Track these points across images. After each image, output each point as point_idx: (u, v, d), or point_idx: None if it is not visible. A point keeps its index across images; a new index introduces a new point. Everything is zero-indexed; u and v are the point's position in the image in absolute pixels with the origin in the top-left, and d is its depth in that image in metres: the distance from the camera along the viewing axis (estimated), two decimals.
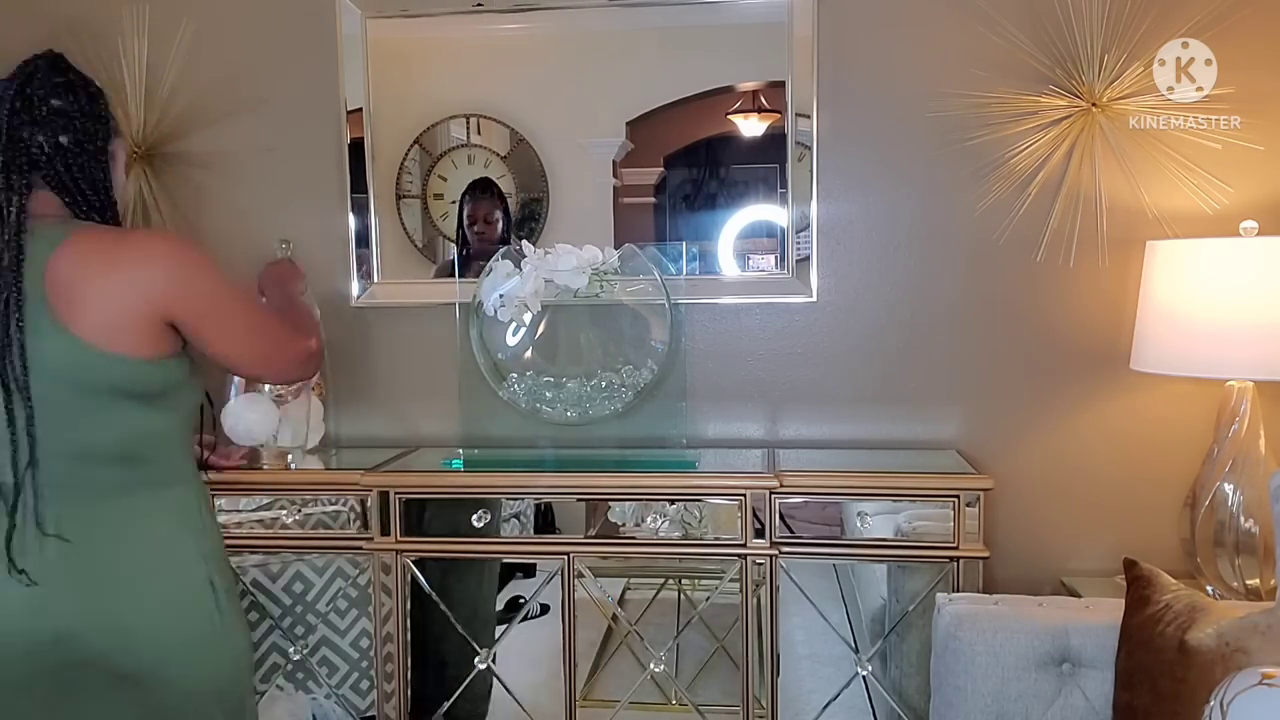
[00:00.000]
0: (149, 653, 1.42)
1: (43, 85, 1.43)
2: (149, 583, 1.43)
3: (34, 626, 1.38)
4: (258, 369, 1.67)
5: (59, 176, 1.44)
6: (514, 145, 2.46)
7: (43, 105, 1.42)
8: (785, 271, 2.36)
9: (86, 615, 1.39)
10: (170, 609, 1.44)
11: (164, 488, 1.48)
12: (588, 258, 2.20)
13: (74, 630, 1.38)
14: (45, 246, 1.39)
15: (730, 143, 2.40)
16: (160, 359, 1.43)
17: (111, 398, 1.40)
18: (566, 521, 2.22)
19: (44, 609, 1.38)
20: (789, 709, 2.16)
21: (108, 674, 1.41)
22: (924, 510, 2.10)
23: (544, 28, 2.42)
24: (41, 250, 1.38)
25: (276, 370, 1.68)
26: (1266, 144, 2.17)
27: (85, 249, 1.40)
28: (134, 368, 1.40)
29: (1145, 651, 1.56)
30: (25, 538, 1.37)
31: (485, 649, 2.19)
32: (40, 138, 1.42)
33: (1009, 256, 2.28)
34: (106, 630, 1.40)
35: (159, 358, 1.42)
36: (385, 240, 2.49)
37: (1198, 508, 2.01)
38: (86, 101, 1.47)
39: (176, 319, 1.43)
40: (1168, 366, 2.02)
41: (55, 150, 1.43)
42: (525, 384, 2.31)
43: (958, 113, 2.25)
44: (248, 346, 1.53)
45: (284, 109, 2.47)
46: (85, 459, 1.41)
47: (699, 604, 2.27)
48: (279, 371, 1.69)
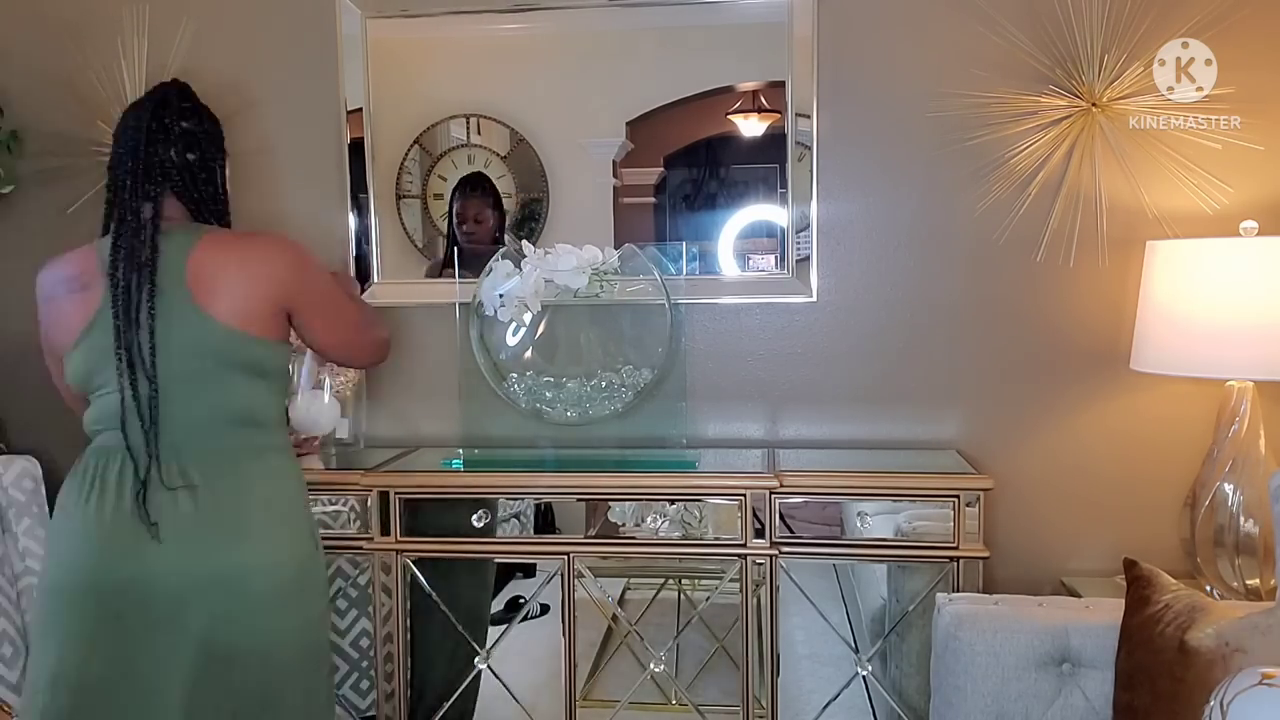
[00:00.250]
0: (262, 585, 1.61)
1: (175, 110, 1.70)
2: (266, 527, 1.64)
3: (177, 567, 1.56)
4: (345, 351, 1.89)
5: (186, 187, 1.70)
6: (514, 145, 2.46)
7: (175, 126, 1.69)
8: (785, 271, 2.36)
9: (214, 555, 1.58)
10: (282, 550, 1.65)
11: (277, 451, 1.72)
12: (588, 258, 2.20)
13: (203, 568, 1.57)
14: (184, 244, 1.63)
15: (730, 143, 2.40)
16: (274, 341, 1.68)
17: (239, 370, 1.63)
18: (566, 521, 2.22)
19: (184, 551, 1.57)
20: (789, 709, 2.16)
21: (230, 607, 1.58)
22: (924, 510, 2.10)
23: (544, 28, 2.42)
24: (180, 247, 1.62)
25: (361, 354, 1.94)
26: (1266, 144, 2.17)
27: (220, 247, 1.65)
28: (258, 345, 1.64)
29: (1145, 651, 1.55)
30: (156, 494, 1.57)
31: (481, 649, 2.19)
32: (172, 154, 1.68)
33: (1009, 256, 2.28)
34: (228, 566, 1.58)
35: (274, 340, 1.68)
36: (385, 240, 2.49)
37: (1198, 508, 2.01)
38: (210, 124, 1.76)
39: (291, 306, 1.69)
40: (1168, 366, 2.02)
41: (184, 165, 1.69)
42: (525, 384, 2.31)
43: (958, 113, 2.25)
44: (341, 333, 1.82)
45: (284, 109, 2.47)
46: (216, 421, 1.63)
47: (699, 604, 2.27)
48: (362, 356, 1.96)
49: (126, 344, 1.58)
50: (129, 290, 1.58)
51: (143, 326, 1.58)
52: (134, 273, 1.59)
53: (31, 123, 2.53)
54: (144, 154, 1.65)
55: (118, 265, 1.60)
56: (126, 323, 1.58)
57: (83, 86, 2.49)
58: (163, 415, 1.59)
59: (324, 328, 1.77)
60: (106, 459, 1.61)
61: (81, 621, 1.58)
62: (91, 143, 2.49)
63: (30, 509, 2.27)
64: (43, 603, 1.64)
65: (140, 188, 1.64)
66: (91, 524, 1.58)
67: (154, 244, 1.60)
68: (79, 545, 1.59)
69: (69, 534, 1.61)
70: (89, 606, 1.57)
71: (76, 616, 1.58)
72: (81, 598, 1.58)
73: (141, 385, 1.58)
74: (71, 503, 1.62)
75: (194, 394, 1.61)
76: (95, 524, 1.58)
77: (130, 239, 1.61)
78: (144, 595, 1.56)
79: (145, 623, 1.57)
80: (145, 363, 1.58)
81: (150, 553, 1.56)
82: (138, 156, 1.65)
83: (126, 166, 1.66)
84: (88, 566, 1.58)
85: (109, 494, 1.58)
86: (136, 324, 1.58)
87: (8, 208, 2.55)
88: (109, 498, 1.58)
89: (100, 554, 1.57)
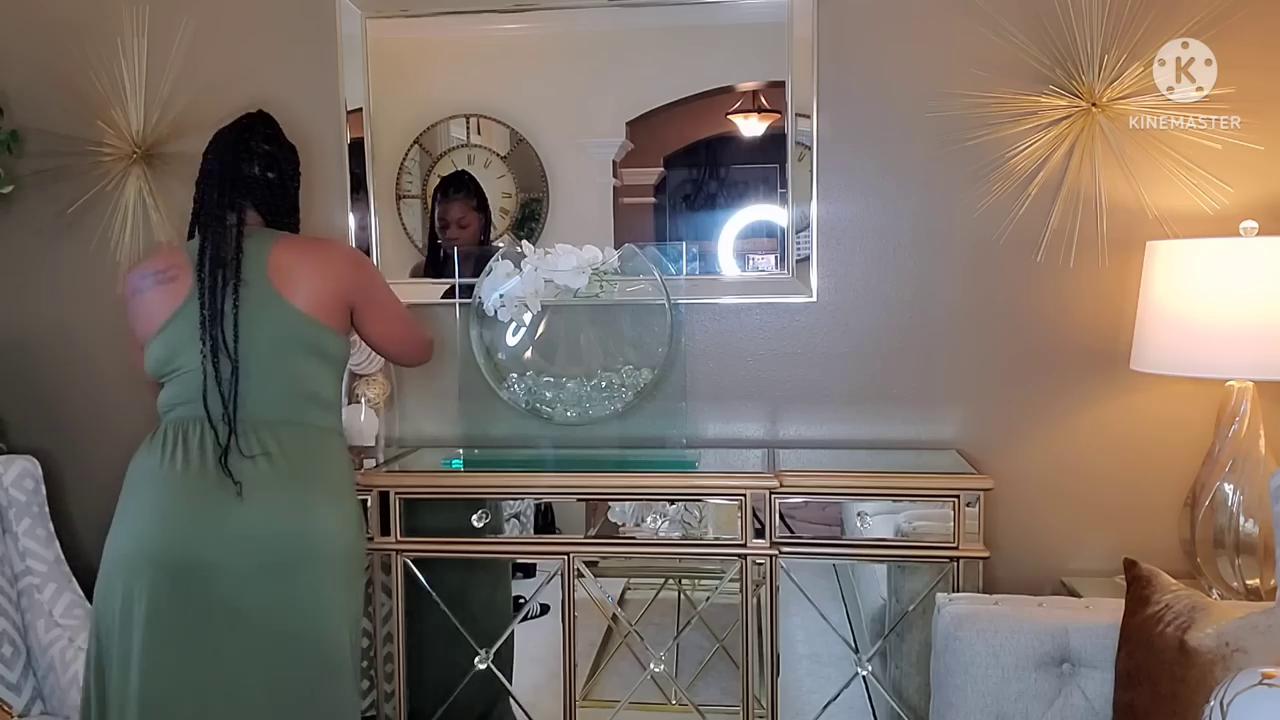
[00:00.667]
0: (328, 549, 1.79)
1: (258, 133, 1.95)
2: (331, 497, 1.83)
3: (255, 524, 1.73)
4: (398, 346, 2.07)
5: (263, 199, 1.92)
6: (514, 145, 2.46)
7: (258, 148, 1.93)
8: (785, 271, 2.36)
9: (291, 514, 1.76)
10: (343, 521, 1.84)
11: (336, 434, 1.92)
12: (588, 258, 2.20)
13: (283, 525, 1.75)
14: (264, 244, 1.85)
15: (730, 143, 2.40)
16: (340, 331, 1.89)
17: (312, 353, 1.84)
18: (566, 521, 2.22)
19: (262, 510, 1.74)
20: (789, 709, 2.16)
21: (297, 562, 1.75)
22: (924, 510, 2.10)
23: (544, 28, 2.42)
24: (263, 245, 1.85)
25: (411, 350, 2.11)
26: (1266, 144, 2.17)
27: (297, 247, 1.89)
28: (327, 332, 1.85)
29: (1145, 651, 1.55)
30: (236, 461, 1.75)
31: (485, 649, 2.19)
32: (255, 170, 1.92)
33: (1009, 257, 2.28)
34: (304, 524, 1.77)
35: (339, 330, 1.89)
36: (385, 240, 2.49)
37: (1198, 508, 2.01)
38: (288, 149, 2.00)
39: (354, 301, 1.90)
40: (1168, 367, 2.02)
41: (265, 181, 1.93)
42: (525, 384, 2.31)
43: (958, 113, 2.25)
44: (396, 331, 2.03)
45: (284, 109, 2.45)
46: (292, 397, 1.83)
47: (699, 604, 2.27)
48: (413, 353, 2.12)
49: (211, 329, 1.77)
50: (216, 282, 1.79)
51: (227, 315, 1.78)
52: (220, 268, 1.80)
53: (31, 123, 2.53)
54: (230, 169, 1.89)
55: (204, 261, 1.81)
56: (213, 311, 1.78)
57: (83, 86, 2.49)
58: (241, 391, 1.78)
59: (380, 322, 1.97)
60: (186, 429, 1.78)
61: (154, 597, 1.70)
62: (91, 143, 2.49)
63: (30, 509, 2.27)
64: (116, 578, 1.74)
65: (226, 198, 1.86)
66: (176, 483, 1.74)
67: (239, 244, 1.82)
68: (158, 506, 1.74)
69: (146, 503, 1.76)
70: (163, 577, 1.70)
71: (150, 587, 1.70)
72: (157, 568, 1.70)
73: (224, 365, 1.77)
74: (150, 467, 1.78)
75: (272, 372, 1.81)
76: (180, 483, 1.74)
77: (216, 240, 1.82)
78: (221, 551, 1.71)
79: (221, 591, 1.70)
80: (228, 345, 1.77)
81: (233, 512, 1.72)
82: (225, 171, 1.88)
83: (214, 179, 1.88)
84: (169, 530, 1.72)
85: (192, 458, 1.76)
86: (221, 312, 1.78)
87: (7, 208, 2.55)
88: (192, 461, 1.75)
89: (181, 515, 1.73)
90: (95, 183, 2.49)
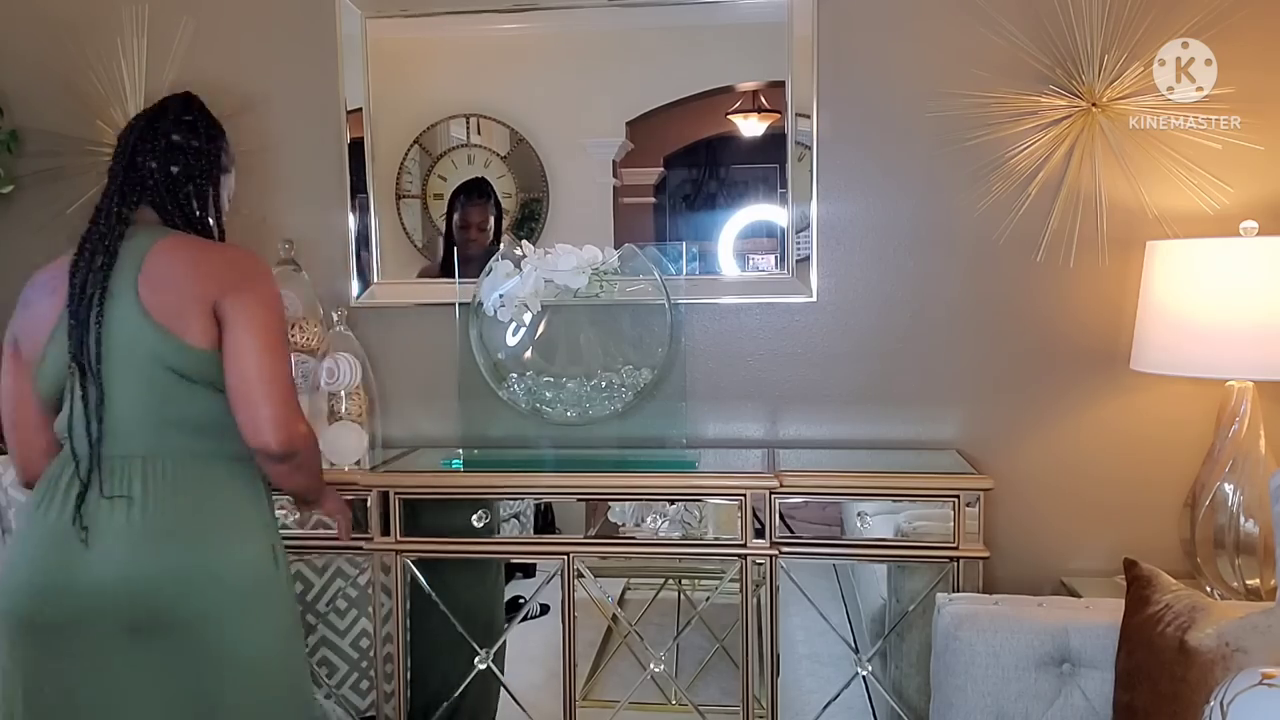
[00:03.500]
0: (212, 602, 1.54)
1: (169, 121, 1.66)
2: (216, 539, 1.57)
3: (107, 579, 1.50)
4: (248, 394, 1.56)
5: (162, 200, 1.64)
6: (514, 145, 2.46)
7: (163, 139, 1.64)
8: (785, 271, 2.36)
9: (155, 567, 1.52)
10: (234, 563, 1.57)
11: (225, 459, 1.61)
12: (588, 258, 2.20)
13: (146, 582, 1.51)
14: (144, 246, 1.58)
15: (730, 143, 2.40)
16: (204, 349, 1.55)
17: (173, 372, 1.55)
18: (566, 521, 2.22)
19: (115, 563, 1.51)
20: (789, 709, 2.16)
21: (172, 623, 1.52)
22: (924, 510, 2.10)
23: (544, 28, 2.42)
24: (141, 249, 1.57)
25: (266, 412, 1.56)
26: (1266, 144, 2.17)
27: (179, 248, 1.60)
28: (182, 348, 1.54)
29: (1145, 651, 1.55)
30: (94, 501, 1.52)
31: (485, 649, 2.19)
32: (153, 164, 1.63)
33: (1009, 256, 2.28)
34: (175, 581, 1.52)
35: (204, 347, 1.55)
36: (385, 240, 2.49)
37: (1198, 508, 2.01)
38: (205, 140, 1.69)
39: (223, 314, 1.55)
40: (1168, 366, 2.02)
41: (165, 178, 1.64)
42: (525, 384, 2.31)
43: (958, 113, 2.25)
44: (255, 369, 1.55)
45: (284, 109, 2.47)
46: (160, 426, 1.56)
47: (699, 604, 2.27)
48: (266, 416, 1.56)
49: (75, 350, 1.53)
50: (83, 293, 1.53)
51: (91, 331, 1.52)
52: (89, 274, 1.54)
53: (31, 123, 2.53)
54: (127, 162, 1.63)
55: (77, 269, 1.56)
56: (79, 326, 1.53)
57: (83, 86, 2.49)
58: (106, 421, 1.53)
59: (242, 351, 1.55)
60: (63, 467, 1.56)
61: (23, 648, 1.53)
62: (91, 143, 2.49)
63: None
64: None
65: (116, 196, 1.61)
66: (35, 532, 1.54)
67: (114, 250, 1.56)
68: (18, 561, 1.54)
69: (13, 553, 1.56)
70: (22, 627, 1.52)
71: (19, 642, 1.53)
72: (19, 620, 1.52)
73: (91, 390, 1.53)
74: (26, 512, 1.58)
75: (136, 398, 1.55)
76: (38, 533, 1.54)
77: (95, 243, 1.57)
78: (73, 607, 1.50)
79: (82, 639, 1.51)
80: (92, 368, 1.52)
81: (83, 564, 1.50)
82: (117, 165, 1.64)
83: (111, 174, 1.64)
84: (23, 581, 1.53)
85: (55, 501, 1.54)
86: (87, 326, 1.53)
87: (7, 208, 2.55)
88: (55, 505, 1.54)
89: (34, 565, 1.52)
90: (95, 183, 2.48)
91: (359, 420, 2.31)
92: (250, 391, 1.55)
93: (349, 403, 2.31)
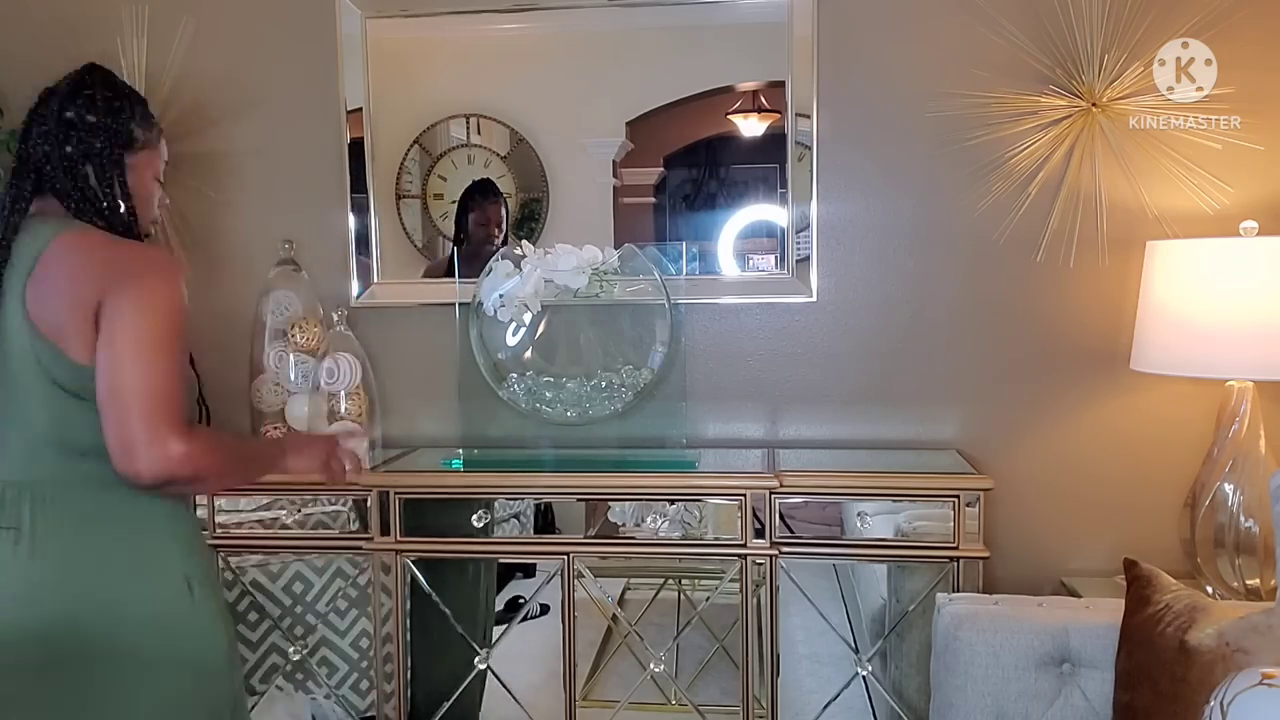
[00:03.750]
0: (115, 641, 1.40)
1: (64, 97, 1.48)
2: (115, 573, 1.42)
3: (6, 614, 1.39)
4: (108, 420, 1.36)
5: (58, 183, 1.45)
6: (514, 145, 2.46)
7: (53, 117, 1.46)
8: (785, 271, 2.36)
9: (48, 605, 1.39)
10: (135, 598, 1.42)
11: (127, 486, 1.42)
12: (588, 258, 2.20)
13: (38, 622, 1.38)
14: (41, 242, 1.41)
15: (730, 143, 2.40)
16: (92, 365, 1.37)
17: (63, 389, 1.39)
18: (566, 521, 2.22)
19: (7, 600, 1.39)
20: (789, 709, 2.16)
21: (71, 664, 1.39)
22: (924, 510, 2.10)
23: (544, 28, 2.42)
24: (37, 245, 1.41)
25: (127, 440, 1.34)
26: (1266, 144, 2.17)
27: (74, 244, 1.42)
28: (63, 361, 1.38)
29: (1145, 651, 1.55)
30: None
31: (483, 649, 2.19)
32: (46, 146, 1.46)
33: (1009, 256, 2.28)
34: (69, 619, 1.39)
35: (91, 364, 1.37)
36: (385, 240, 2.49)
37: (1198, 508, 2.01)
38: (104, 115, 1.48)
39: (101, 311, 1.37)
40: (1168, 366, 2.02)
41: (60, 158, 1.45)
42: (525, 384, 2.31)
43: (958, 113, 2.25)
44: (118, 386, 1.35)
45: (284, 109, 2.47)
46: (52, 448, 1.42)
47: (699, 604, 2.27)
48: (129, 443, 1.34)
49: None
50: None
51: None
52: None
53: None
54: (20, 144, 1.48)
55: None
56: None
57: None
58: (7, 441, 1.40)
59: (109, 362, 1.35)
60: None
61: None
62: None
63: None
64: None
65: (14, 183, 1.45)
66: None
67: (5, 242, 1.41)
68: None
69: None
70: None
71: None
72: None
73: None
74: None
75: (26, 419, 1.40)
76: None
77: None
78: None
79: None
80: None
81: None
82: (17, 148, 1.48)
83: (15, 159, 1.49)
84: None
85: None
86: None
87: None
88: None
89: None
90: None
91: (359, 420, 2.31)
92: (115, 409, 1.34)
93: (349, 403, 2.31)
